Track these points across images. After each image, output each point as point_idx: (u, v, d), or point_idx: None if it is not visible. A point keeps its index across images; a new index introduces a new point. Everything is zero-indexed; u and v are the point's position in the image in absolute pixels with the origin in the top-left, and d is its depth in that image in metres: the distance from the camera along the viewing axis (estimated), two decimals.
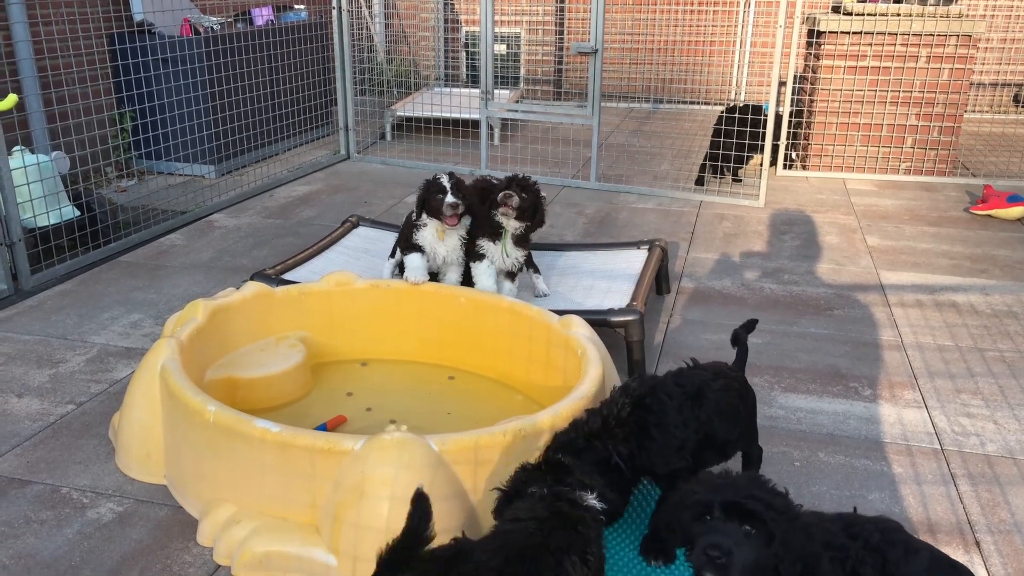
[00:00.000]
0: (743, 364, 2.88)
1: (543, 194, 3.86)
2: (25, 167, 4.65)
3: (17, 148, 4.81)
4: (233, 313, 3.39)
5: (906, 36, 6.78)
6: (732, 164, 6.72)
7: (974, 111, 9.51)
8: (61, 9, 5.97)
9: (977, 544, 2.68)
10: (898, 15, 6.78)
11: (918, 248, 5.43)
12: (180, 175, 6.76)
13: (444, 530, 2.35)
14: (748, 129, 6.55)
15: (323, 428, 3.09)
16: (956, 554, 2.62)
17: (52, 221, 4.88)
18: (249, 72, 6.95)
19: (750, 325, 2.96)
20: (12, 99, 4.27)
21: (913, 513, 2.83)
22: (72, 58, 6.06)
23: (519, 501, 2.09)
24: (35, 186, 4.73)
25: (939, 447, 3.22)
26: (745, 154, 6.63)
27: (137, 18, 6.62)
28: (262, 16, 7.44)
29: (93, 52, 6.31)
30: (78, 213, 5.06)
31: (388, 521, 2.32)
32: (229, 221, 5.81)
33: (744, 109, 6.73)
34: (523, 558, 1.89)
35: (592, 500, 2.09)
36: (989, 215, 6.04)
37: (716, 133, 6.78)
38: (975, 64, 7.12)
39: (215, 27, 6.80)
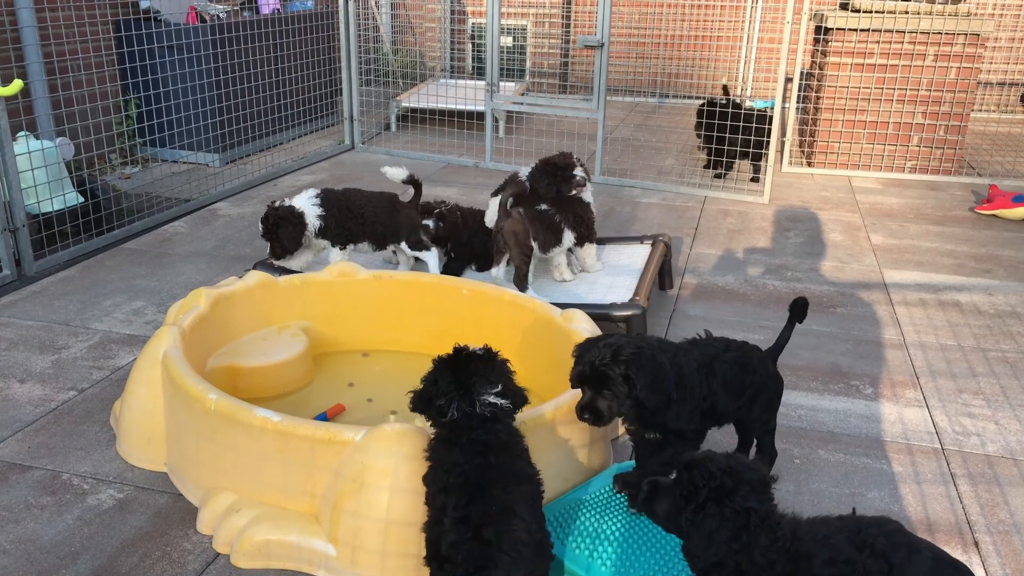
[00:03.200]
0: (779, 349, 2.86)
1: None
2: (30, 153, 4.65)
3: (22, 134, 4.81)
4: (236, 302, 3.39)
5: (914, 34, 6.76)
6: (725, 159, 6.72)
7: (981, 110, 9.49)
8: None
9: (976, 544, 2.68)
10: (906, 13, 6.75)
11: (922, 247, 5.42)
12: (184, 163, 6.76)
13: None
14: (723, 123, 6.57)
15: (323, 417, 3.09)
16: (955, 554, 2.62)
17: (56, 207, 4.89)
18: (255, 61, 6.94)
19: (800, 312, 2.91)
20: (17, 85, 4.27)
21: (912, 512, 2.83)
22: (78, 44, 6.05)
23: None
24: (39, 172, 4.73)
25: (939, 446, 3.22)
26: (727, 158, 6.65)
27: (143, 5, 6.62)
28: (268, 5, 7.43)
29: (99, 39, 6.30)
30: (82, 199, 5.06)
31: (388, 511, 2.32)
32: (233, 210, 5.81)
33: (724, 105, 6.66)
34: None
35: (496, 399, 2.14)
36: (994, 215, 6.03)
37: (697, 127, 6.81)
38: (983, 63, 7.11)
39: (221, 15, 6.79)
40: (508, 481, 2.01)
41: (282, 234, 3.95)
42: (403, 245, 4.19)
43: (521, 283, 3.90)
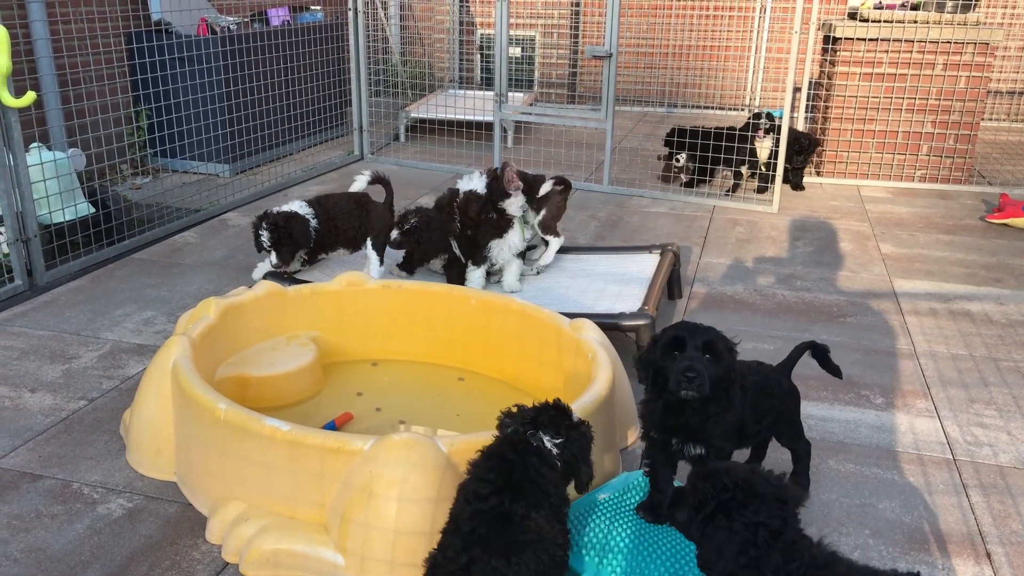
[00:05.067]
0: (791, 364, 2.86)
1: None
2: (42, 164, 4.68)
3: (34, 145, 4.84)
4: (245, 311, 3.40)
5: (923, 43, 6.75)
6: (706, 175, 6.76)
7: (991, 119, 9.46)
8: (80, 8, 6.02)
9: (988, 556, 2.66)
10: (915, 22, 6.74)
11: (932, 256, 5.40)
12: (195, 173, 6.80)
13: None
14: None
15: (331, 426, 3.10)
16: (967, 565, 2.61)
17: (67, 218, 4.92)
18: (265, 72, 6.98)
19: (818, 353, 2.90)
20: (31, 96, 4.30)
21: (924, 523, 2.81)
22: (90, 56, 6.11)
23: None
24: (51, 183, 4.76)
25: (951, 457, 3.20)
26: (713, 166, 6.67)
27: (155, 17, 6.67)
28: (278, 16, 7.48)
29: (111, 51, 6.35)
30: (93, 210, 5.10)
31: (396, 521, 2.32)
32: (243, 220, 5.84)
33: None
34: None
35: (550, 444, 2.17)
36: (1005, 224, 6.00)
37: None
38: (992, 72, 7.09)
39: (232, 27, 6.83)
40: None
41: (295, 233, 4.02)
42: (368, 242, 4.30)
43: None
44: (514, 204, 4.16)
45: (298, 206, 4.21)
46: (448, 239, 4.28)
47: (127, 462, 3.02)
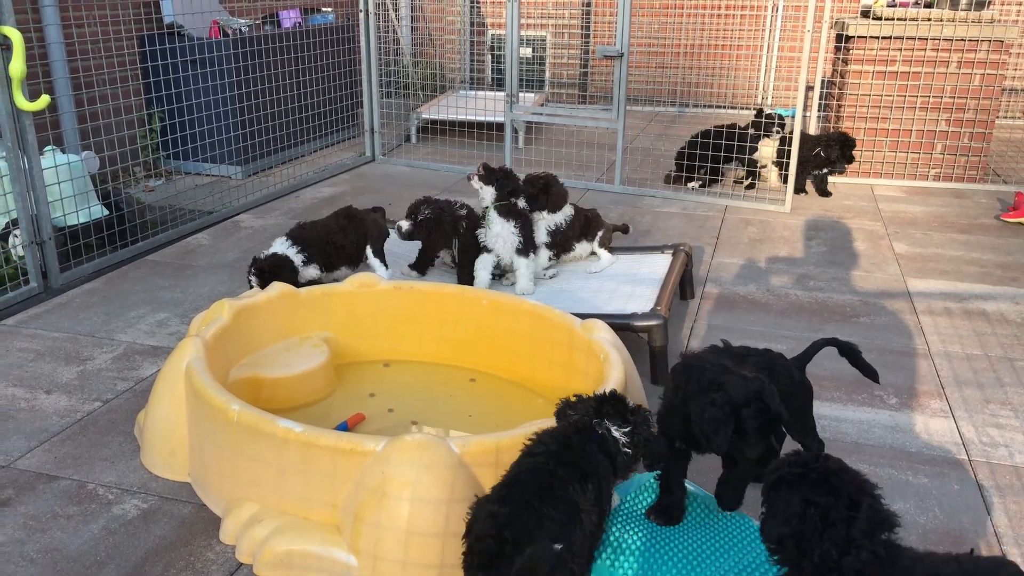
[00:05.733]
0: (806, 359, 2.92)
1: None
2: (56, 167, 4.72)
3: (49, 148, 4.88)
4: (258, 313, 3.41)
5: (937, 41, 6.71)
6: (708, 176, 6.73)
7: (1006, 117, 9.39)
8: (94, 12, 6.06)
9: (1004, 557, 2.64)
10: (928, 20, 6.70)
11: (947, 255, 5.36)
12: (207, 175, 6.83)
13: (463, 533, 2.36)
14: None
15: (344, 427, 3.10)
16: None
17: (81, 220, 4.95)
18: (276, 74, 7.01)
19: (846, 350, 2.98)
20: (45, 100, 4.33)
21: (939, 524, 2.79)
22: (103, 59, 6.14)
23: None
24: (65, 185, 4.80)
25: (967, 457, 3.18)
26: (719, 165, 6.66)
27: (167, 20, 6.70)
28: (290, 18, 7.50)
29: (124, 53, 6.39)
30: (107, 212, 5.13)
31: (409, 522, 2.32)
32: (255, 221, 5.86)
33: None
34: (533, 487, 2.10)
35: (618, 433, 2.28)
36: (1020, 222, 5.96)
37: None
38: (1007, 70, 7.04)
39: (243, 29, 6.86)
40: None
41: (283, 278, 3.85)
42: (368, 252, 4.30)
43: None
44: (485, 194, 4.24)
45: (282, 246, 4.04)
46: (458, 231, 4.29)
47: (141, 463, 3.03)
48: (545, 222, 4.38)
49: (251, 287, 3.92)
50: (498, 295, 3.61)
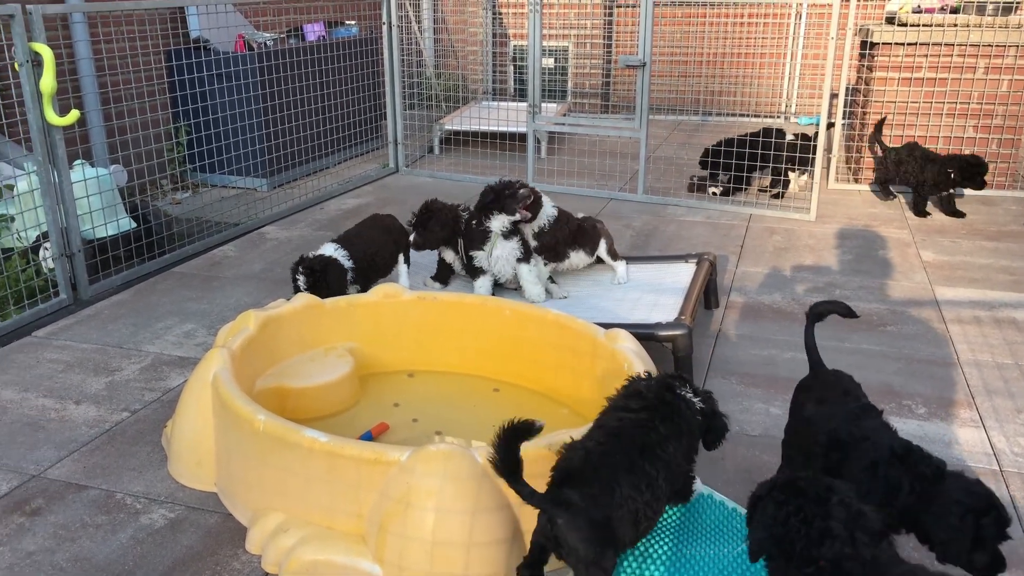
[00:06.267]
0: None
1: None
2: (85, 180, 4.78)
3: (78, 162, 4.95)
4: (283, 324, 3.44)
5: (963, 47, 6.64)
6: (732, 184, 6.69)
7: None
8: (122, 28, 6.16)
9: None
10: (955, 26, 6.64)
11: (975, 263, 5.30)
12: (233, 188, 6.90)
13: (488, 542, 2.36)
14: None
15: (368, 436, 3.11)
16: None
17: (110, 232, 5.01)
18: (301, 87, 7.07)
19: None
20: (74, 115, 4.40)
21: None
22: (131, 74, 6.24)
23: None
24: (94, 199, 4.86)
25: (998, 468, 3.13)
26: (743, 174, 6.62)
27: (193, 35, 6.79)
28: (314, 32, 7.58)
29: (151, 68, 6.48)
30: (134, 225, 5.19)
31: (433, 532, 2.32)
32: (280, 233, 5.91)
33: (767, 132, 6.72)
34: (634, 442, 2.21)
35: (692, 398, 2.40)
36: None
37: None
38: None
39: (268, 43, 6.94)
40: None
41: (331, 280, 3.91)
42: (400, 259, 4.37)
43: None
44: (497, 222, 4.15)
45: (332, 249, 4.06)
46: (453, 233, 4.29)
47: (169, 473, 3.06)
48: (529, 227, 4.32)
49: (296, 289, 3.92)
50: (521, 305, 3.61)
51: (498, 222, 4.13)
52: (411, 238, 4.33)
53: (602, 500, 2.07)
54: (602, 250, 4.51)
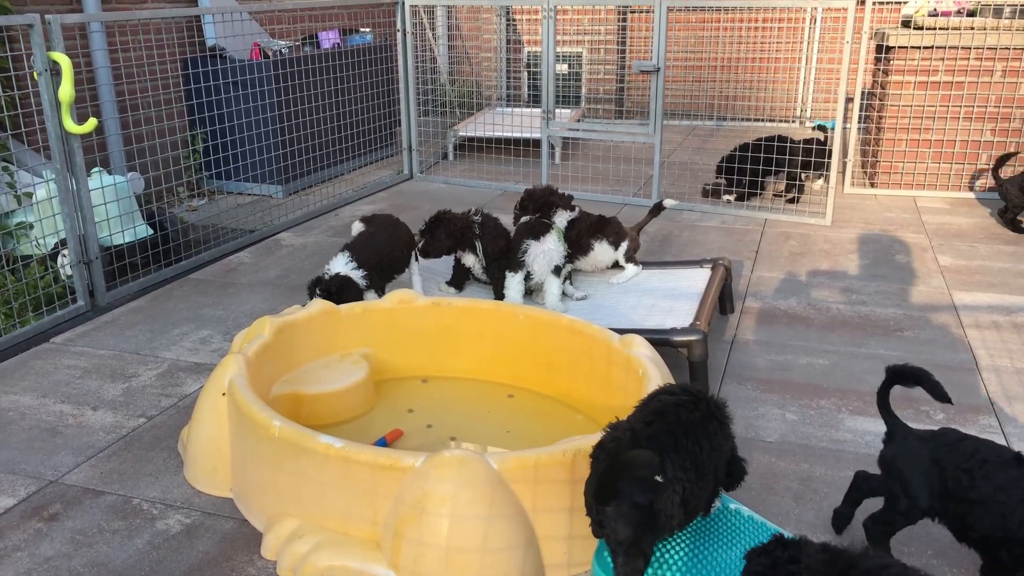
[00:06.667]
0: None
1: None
2: (103, 188, 4.82)
3: (96, 170, 4.99)
4: (299, 330, 3.45)
5: (980, 50, 6.60)
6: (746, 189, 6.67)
7: None
8: (139, 36, 6.21)
9: None
10: (971, 28, 6.60)
11: (994, 267, 5.25)
12: (249, 195, 6.94)
13: (502, 548, 2.36)
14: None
15: (382, 442, 3.12)
16: None
17: (127, 239, 5.05)
18: (316, 95, 7.11)
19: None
20: (92, 123, 4.45)
21: None
22: (148, 83, 6.29)
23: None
24: (111, 206, 4.90)
25: None
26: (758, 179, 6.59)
27: (210, 43, 6.85)
28: (329, 40, 7.62)
29: (168, 76, 6.54)
30: (151, 232, 5.23)
31: (448, 538, 2.32)
32: (296, 240, 5.94)
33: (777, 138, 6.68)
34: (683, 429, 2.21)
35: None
36: None
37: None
38: None
39: (284, 51, 6.98)
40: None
41: (346, 299, 3.88)
42: (413, 259, 4.40)
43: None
44: (560, 217, 4.39)
45: (344, 263, 4.04)
46: (459, 242, 4.32)
47: (185, 478, 3.07)
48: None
49: None
50: (535, 310, 3.61)
51: (561, 217, 4.37)
52: (419, 245, 4.36)
53: (648, 483, 2.08)
54: (621, 250, 4.55)
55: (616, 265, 4.59)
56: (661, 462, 2.07)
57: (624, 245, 4.56)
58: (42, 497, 2.99)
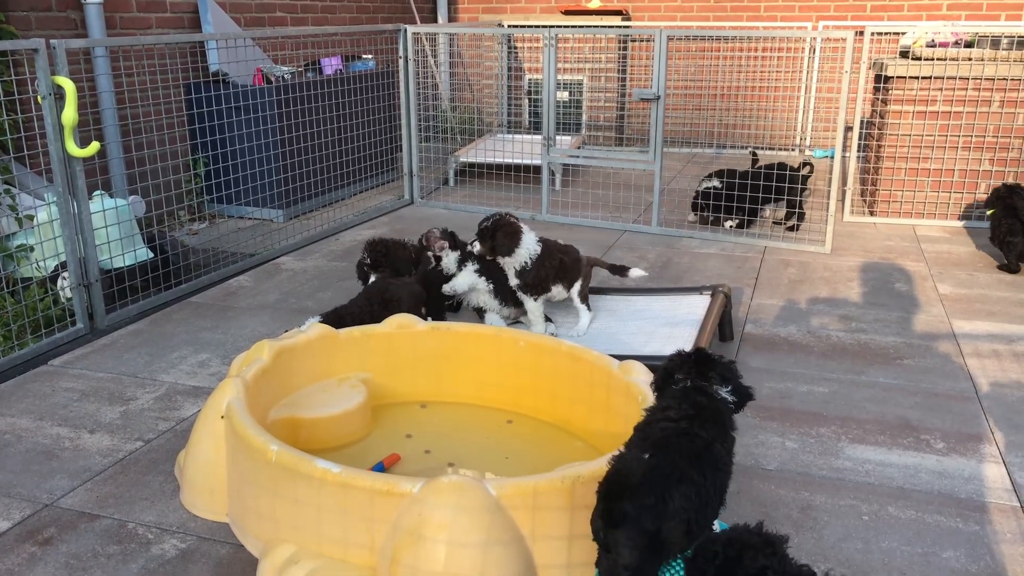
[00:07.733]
0: None
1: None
2: (104, 211, 4.84)
3: (97, 193, 5.01)
4: (297, 354, 3.44)
5: (978, 80, 6.65)
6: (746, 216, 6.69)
7: None
8: (143, 61, 6.26)
9: None
10: (969, 59, 6.65)
11: (993, 296, 5.25)
12: (249, 219, 6.96)
13: (500, 575, 2.33)
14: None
15: (380, 467, 3.10)
16: None
17: (127, 263, 5.05)
18: (318, 120, 7.15)
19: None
20: (95, 146, 4.47)
21: (991, 573, 2.70)
22: (151, 107, 6.33)
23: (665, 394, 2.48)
24: (112, 229, 4.91)
25: (1019, 504, 3.08)
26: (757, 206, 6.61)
27: (213, 68, 6.90)
28: (331, 66, 7.67)
29: (171, 101, 6.58)
30: (152, 255, 5.23)
31: (445, 565, 2.30)
32: (296, 264, 5.94)
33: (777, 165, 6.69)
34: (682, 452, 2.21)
35: (725, 393, 2.47)
36: None
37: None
38: None
39: (286, 76, 7.03)
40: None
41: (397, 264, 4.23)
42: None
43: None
44: (449, 259, 4.46)
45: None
46: (404, 268, 4.48)
47: (181, 503, 3.05)
48: (512, 262, 4.23)
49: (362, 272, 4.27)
50: (536, 336, 3.60)
51: (450, 261, 4.48)
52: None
53: (656, 510, 2.09)
54: (575, 289, 4.35)
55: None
56: (666, 494, 2.09)
57: (577, 285, 4.36)
58: (37, 520, 2.97)
